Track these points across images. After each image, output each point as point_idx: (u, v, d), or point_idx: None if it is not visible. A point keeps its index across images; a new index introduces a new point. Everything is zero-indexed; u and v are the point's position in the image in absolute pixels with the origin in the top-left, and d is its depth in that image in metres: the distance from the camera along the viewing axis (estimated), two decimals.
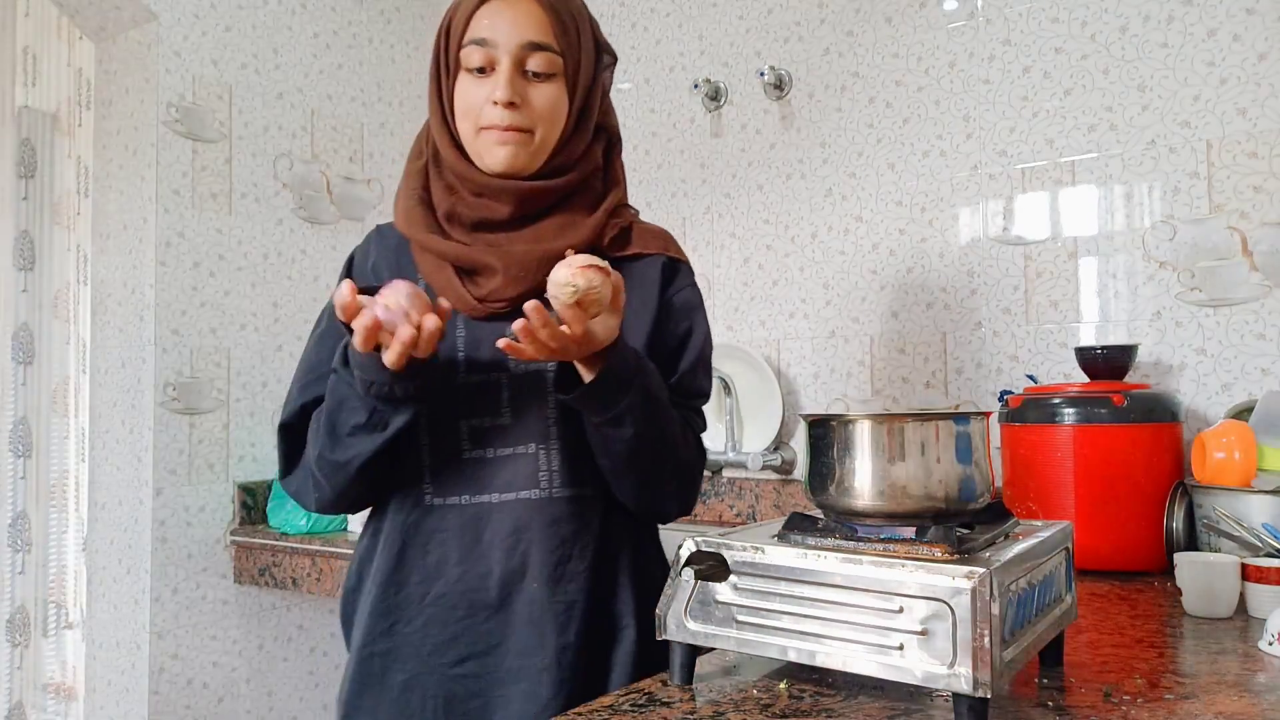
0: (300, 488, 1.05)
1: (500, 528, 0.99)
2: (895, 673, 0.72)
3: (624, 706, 0.81)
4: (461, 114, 1.01)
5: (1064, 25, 1.76)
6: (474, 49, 0.99)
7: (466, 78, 1.00)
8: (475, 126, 1.00)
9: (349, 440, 0.96)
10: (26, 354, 2.60)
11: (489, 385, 1.00)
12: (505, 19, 0.98)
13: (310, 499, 1.04)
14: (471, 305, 1.00)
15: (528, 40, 0.98)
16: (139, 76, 2.14)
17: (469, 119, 1.01)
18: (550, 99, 1.00)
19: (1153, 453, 1.39)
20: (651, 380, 0.98)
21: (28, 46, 2.67)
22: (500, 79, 0.98)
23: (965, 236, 1.87)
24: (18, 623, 2.56)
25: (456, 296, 1.00)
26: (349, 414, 0.95)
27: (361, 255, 1.11)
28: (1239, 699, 0.81)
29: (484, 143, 1.00)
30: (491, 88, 0.98)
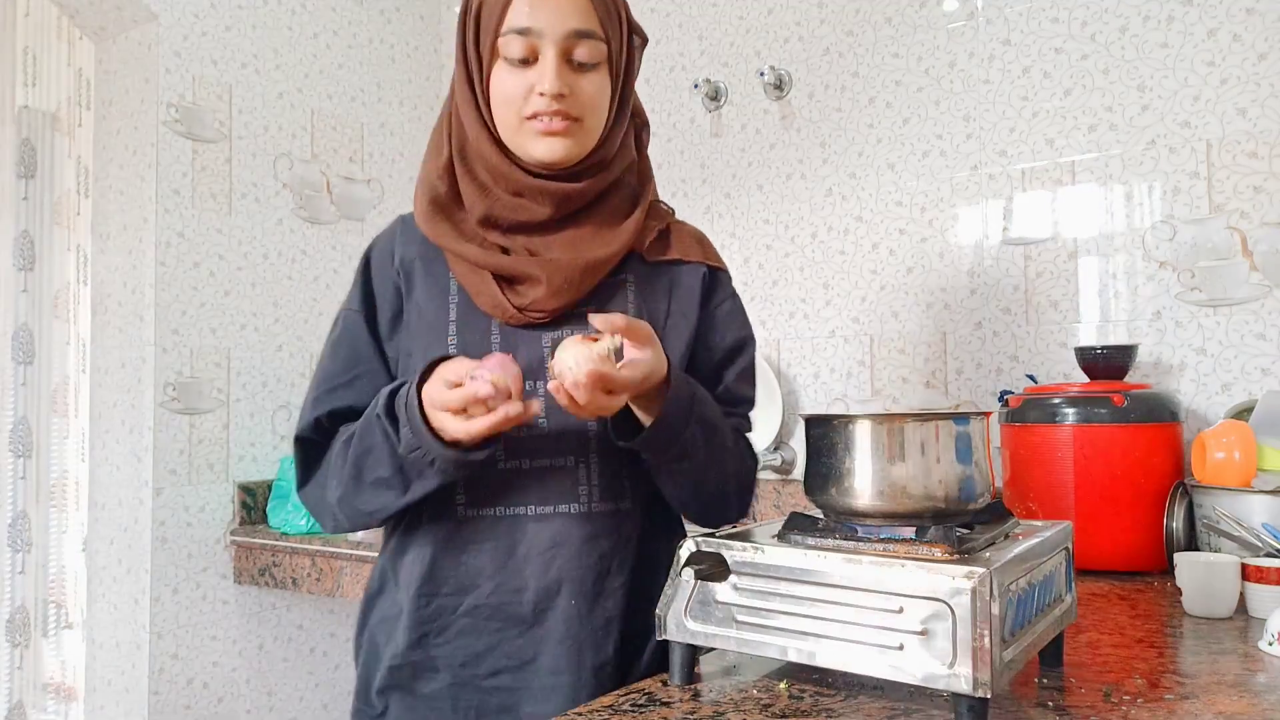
0: (318, 508, 1.02)
1: (536, 542, 0.95)
2: (895, 673, 0.72)
3: (624, 706, 0.81)
4: (502, 103, 0.95)
5: (1064, 25, 1.76)
6: (514, 38, 0.93)
7: (505, 67, 0.95)
8: (519, 116, 0.95)
9: (372, 490, 0.93)
10: (26, 354, 2.60)
11: (525, 395, 0.94)
12: (549, 6, 0.93)
13: (328, 525, 1.02)
14: (511, 314, 0.96)
15: (573, 29, 0.93)
16: (139, 76, 2.14)
17: (511, 108, 0.95)
18: (596, 88, 0.96)
19: (1153, 453, 1.39)
20: (708, 408, 0.97)
21: (28, 46, 2.67)
22: (547, 69, 0.93)
23: (965, 236, 1.87)
24: (18, 623, 2.56)
25: (495, 304, 0.96)
26: (375, 464, 0.92)
27: (383, 252, 1.04)
28: (1239, 699, 0.81)
29: (528, 133, 0.95)
30: (535, 78, 0.93)
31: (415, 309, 1.00)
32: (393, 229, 1.06)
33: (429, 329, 0.98)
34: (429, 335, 0.98)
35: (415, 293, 1.00)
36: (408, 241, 1.03)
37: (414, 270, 1.01)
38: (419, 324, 0.99)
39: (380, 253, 1.04)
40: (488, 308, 0.97)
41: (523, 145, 0.96)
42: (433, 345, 0.97)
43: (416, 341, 0.99)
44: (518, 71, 0.94)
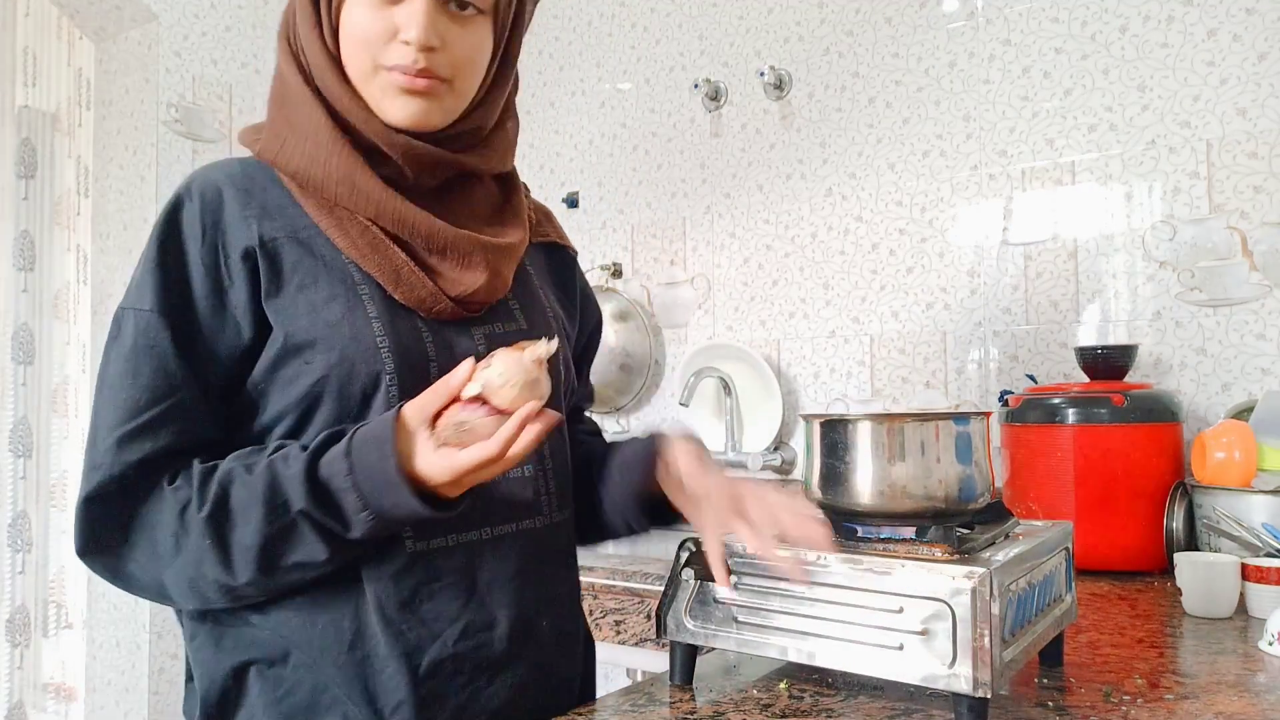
0: (147, 584, 0.75)
1: (502, 567, 0.80)
2: (895, 673, 0.72)
3: (624, 707, 0.81)
4: (354, 43, 0.77)
5: (1064, 25, 1.76)
6: None
7: (361, 3, 0.77)
8: (373, 63, 0.77)
9: (292, 573, 0.73)
10: (26, 354, 2.60)
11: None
12: None
13: (183, 602, 0.76)
14: (443, 308, 0.79)
15: None
16: (139, 76, 2.14)
17: (364, 52, 0.77)
18: (474, 43, 0.80)
19: (1153, 453, 1.39)
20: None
21: (28, 46, 2.67)
22: (416, 13, 0.75)
23: (965, 236, 1.87)
24: (18, 623, 2.56)
25: (423, 296, 0.78)
26: (297, 550, 0.71)
27: (211, 230, 0.76)
28: (1239, 699, 0.81)
29: (383, 86, 0.78)
30: (401, 21, 0.76)
31: (301, 309, 0.76)
32: (213, 195, 0.78)
33: (345, 338, 0.75)
34: (349, 346, 0.75)
35: (289, 287, 0.76)
36: (262, 212, 0.78)
37: (282, 255, 0.77)
38: (315, 329, 0.75)
39: (203, 232, 0.76)
40: (411, 300, 0.78)
41: (376, 100, 0.78)
42: (358, 360, 0.75)
43: (320, 356, 0.75)
44: (379, 8, 0.76)
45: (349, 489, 0.70)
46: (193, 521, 0.72)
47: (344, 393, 0.75)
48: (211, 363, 0.76)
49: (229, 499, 0.72)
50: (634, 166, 2.38)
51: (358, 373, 0.75)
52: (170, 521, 0.72)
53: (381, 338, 0.76)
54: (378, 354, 0.75)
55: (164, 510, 0.73)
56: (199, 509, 0.71)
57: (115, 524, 0.74)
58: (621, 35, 2.41)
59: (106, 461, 0.73)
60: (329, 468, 0.71)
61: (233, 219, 0.77)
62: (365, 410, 0.76)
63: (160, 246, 0.76)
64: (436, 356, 0.78)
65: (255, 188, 0.79)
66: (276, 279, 0.76)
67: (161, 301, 0.75)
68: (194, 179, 0.79)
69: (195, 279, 0.76)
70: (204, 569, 0.72)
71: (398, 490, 0.69)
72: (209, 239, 0.76)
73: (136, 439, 0.73)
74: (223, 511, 0.71)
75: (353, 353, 0.75)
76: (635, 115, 2.37)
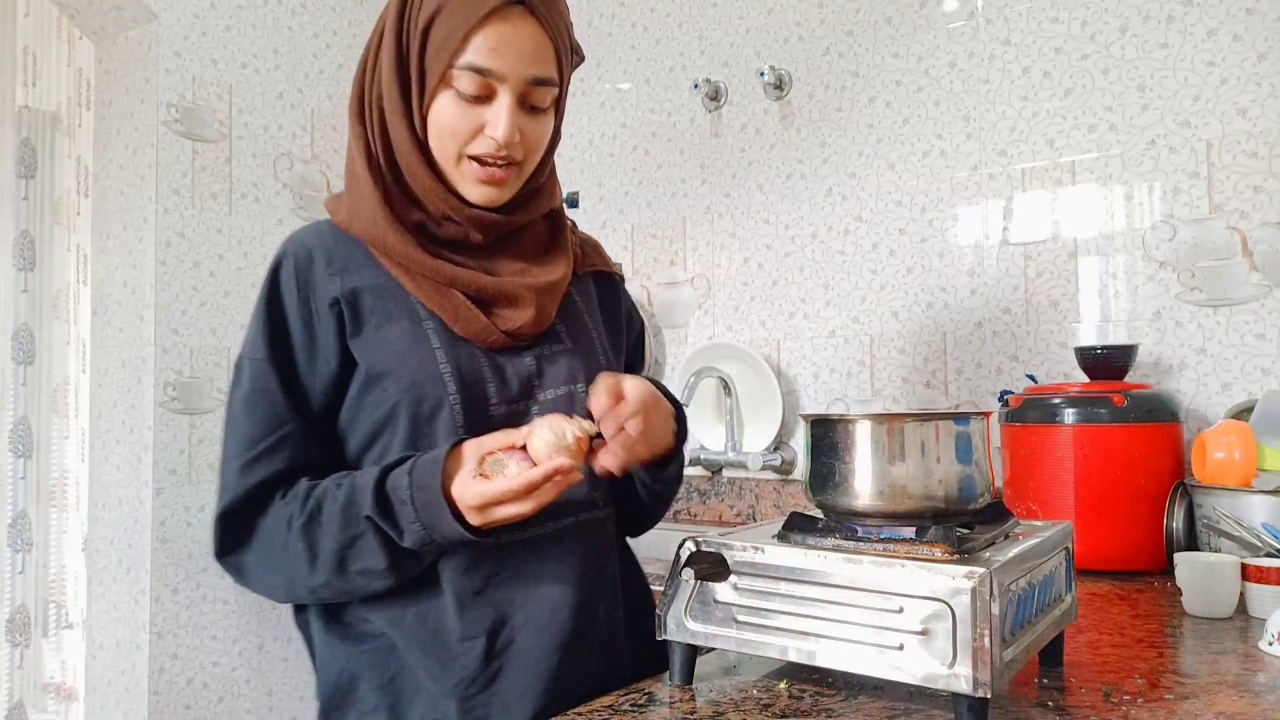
0: (262, 582, 0.92)
1: (563, 558, 0.92)
2: (895, 673, 0.72)
3: (624, 706, 0.81)
4: (445, 134, 0.90)
5: (1064, 25, 1.76)
6: (471, 75, 0.87)
7: (454, 99, 0.89)
8: (459, 152, 0.91)
9: (360, 579, 0.87)
10: (26, 354, 2.60)
11: (521, 415, 0.93)
12: (512, 49, 0.88)
13: (284, 599, 0.94)
14: (496, 339, 0.93)
15: (534, 75, 0.89)
16: (139, 76, 2.14)
17: (453, 142, 0.90)
18: (543, 131, 0.94)
19: (1153, 453, 1.39)
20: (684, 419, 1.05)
21: (28, 46, 2.67)
22: (502, 116, 0.89)
23: (965, 236, 1.87)
24: (18, 623, 2.56)
25: (478, 329, 0.92)
26: (364, 557, 0.85)
27: (304, 288, 0.92)
28: (1239, 699, 0.81)
29: (467, 173, 0.91)
30: (488, 119, 0.89)
31: (378, 345, 0.91)
32: (304, 256, 0.94)
33: (414, 366, 0.90)
34: (416, 372, 0.89)
35: (369, 327, 0.91)
36: (345, 267, 0.93)
37: (361, 302, 0.92)
38: (390, 360, 0.90)
39: (298, 289, 0.92)
40: (469, 333, 0.92)
41: (458, 182, 0.92)
42: (425, 384, 0.89)
43: (393, 383, 0.89)
44: (467, 107, 0.89)
45: (406, 501, 0.83)
46: (294, 530, 0.87)
47: (415, 413, 0.89)
48: (310, 398, 0.92)
49: (320, 511, 0.87)
50: (634, 166, 2.38)
51: (425, 394, 0.89)
52: (280, 530, 0.88)
53: (444, 364, 0.90)
54: (440, 378, 0.89)
55: (277, 522, 0.89)
56: (299, 518, 0.87)
57: (241, 534, 0.90)
58: (621, 35, 2.41)
59: (233, 484, 0.90)
60: (395, 480, 0.85)
61: (320, 276, 0.92)
62: (433, 427, 0.89)
63: (266, 304, 0.93)
64: (491, 379, 0.92)
65: (338, 247, 0.95)
66: (357, 322, 0.91)
67: (269, 351, 0.91)
68: (290, 243, 0.95)
69: (294, 330, 0.92)
70: (298, 570, 0.88)
71: (439, 506, 0.82)
72: (302, 294, 0.92)
73: (256, 465, 0.89)
74: (314, 521, 0.87)
75: (420, 378, 0.89)
76: (635, 115, 2.37)
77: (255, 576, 0.91)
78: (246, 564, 0.91)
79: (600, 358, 1.01)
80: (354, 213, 0.94)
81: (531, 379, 0.94)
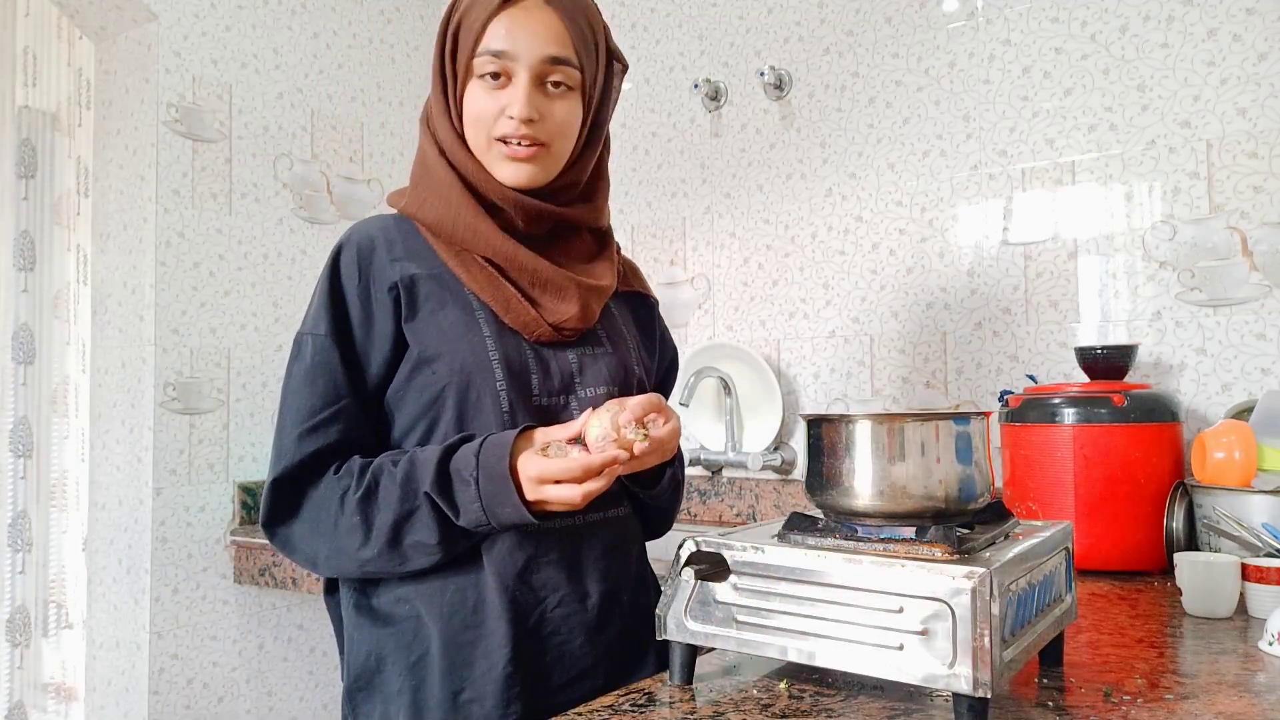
0: (307, 553, 0.95)
1: (596, 548, 0.99)
2: (895, 673, 0.72)
3: (624, 706, 0.81)
4: (472, 122, 0.97)
5: (1064, 25, 1.76)
6: (489, 59, 0.95)
7: (479, 86, 0.96)
8: (488, 136, 0.97)
9: (410, 553, 0.91)
10: (26, 354, 2.60)
11: (560, 408, 0.98)
12: (525, 30, 0.94)
13: (326, 571, 0.96)
14: (542, 331, 0.97)
15: (548, 54, 0.95)
16: (139, 76, 2.14)
17: (481, 128, 0.97)
18: (566, 113, 0.98)
19: (1153, 453, 1.39)
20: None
21: (28, 46, 2.67)
22: (518, 92, 0.95)
23: (965, 236, 1.87)
24: (18, 623, 2.56)
25: (527, 321, 0.97)
26: (418, 531, 0.90)
27: (366, 272, 0.97)
28: (1239, 699, 0.81)
29: (496, 154, 0.97)
30: (506, 99, 0.95)
31: (431, 330, 0.95)
32: (366, 243, 0.99)
33: (465, 352, 0.95)
34: (467, 357, 0.94)
35: (423, 312, 0.96)
36: (404, 255, 0.98)
37: (418, 288, 0.97)
38: (442, 344, 0.95)
39: (359, 273, 0.97)
40: (518, 325, 0.97)
41: (492, 165, 0.98)
42: (474, 370, 0.94)
43: (443, 365, 0.94)
44: (490, 92, 0.96)
45: (470, 481, 0.88)
46: (349, 503, 0.91)
47: (463, 396, 0.94)
48: (366, 376, 0.96)
49: (378, 486, 0.91)
50: (634, 166, 2.38)
51: (473, 379, 0.94)
52: (333, 502, 0.92)
53: (493, 351, 0.95)
54: (489, 364, 0.94)
55: (329, 494, 0.92)
56: (354, 492, 0.91)
57: (291, 502, 0.94)
58: (621, 35, 2.41)
59: (290, 451, 0.93)
60: (460, 460, 0.89)
61: (381, 263, 0.97)
62: (480, 410, 0.94)
63: (329, 285, 0.97)
64: (535, 370, 0.97)
65: (399, 237, 1.00)
66: (413, 306, 0.96)
67: (331, 328, 0.95)
68: (353, 231, 1.00)
69: (353, 311, 0.96)
70: (349, 542, 0.91)
71: (505, 484, 0.87)
72: (363, 279, 0.97)
73: (313, 434, 0.93)
74: (371, 496, 0.91)
75: (470, 363, 0.94)
76: (635, 115, 2.37)
77: (301, 546, 0.94)
78: (293, 533, 0.94)
79: (636, 367, 1.07)
80: (425, 199, 1.00)
81: (573, 375, 0.99)
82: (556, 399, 0.98)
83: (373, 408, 0.98)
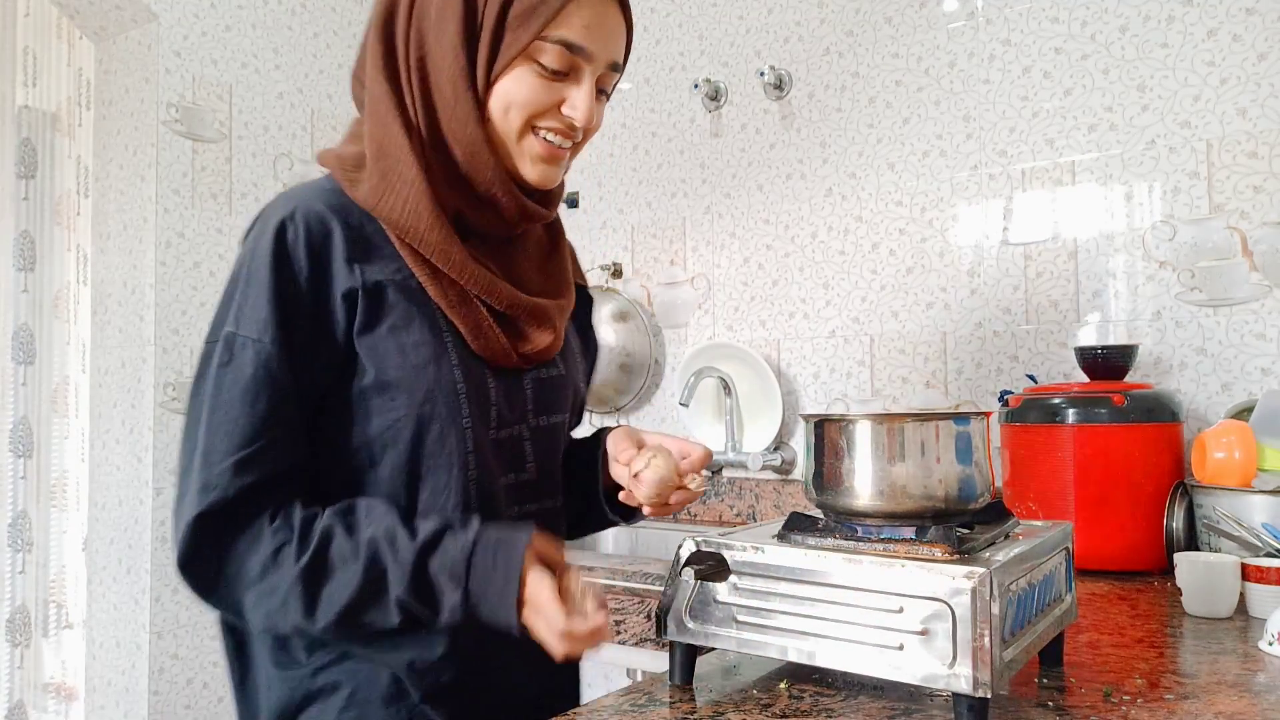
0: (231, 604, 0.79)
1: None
2: (895, 673, 0.72)
3: (624, 706, 0.81)
4: (514, 107, 0.83)
5: (1064, 25, 1.76)
6: (560, 50, 0.82)
7: (532, 72, 0.83)
8: (526, 124, 0.84)
9: (358, 628, 0.78)
10: (26, 354, 2.60)
11: (515, 440, 0.90)
12: (605, 29, 0.84)
13: (254, 625, 0.81)
14: (511, 361, 0.87)
15: (615, 60, 0.87)
16: (139, 76, 2.14)
17: (522, 115, 0.84)
18: (601, 119, 0.90)
19: (1153, 453, 1.39)
20: None
21: (28, 46, 2.67)
22: (583, 95, 0.84)
23: (965, 236, 1.87)
24: (18, 623, 2.56)
25: (496, 350, 0.86)
26: (378, 616, 0.77)
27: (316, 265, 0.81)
28: (1239, 699, 0.81)
29: (531, 148, 0.85)
30: (570, 96, 0.84)
31: (391, 350, 0.82)
32: (319, 227, 0.82)
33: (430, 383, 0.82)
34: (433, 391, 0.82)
35: (383, 327, 0.82)
36: (364, 256, 0.83)
37: (384, 298, 0.82)
38: (404, 370, 0.82)
39: (311, 265, 0.81)
40: (486, 353, 0.85)
41: (517, 159, 0.86)
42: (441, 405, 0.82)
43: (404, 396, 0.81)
44: (548, 82, 0.83)
45: (454, 588, 0.76)
46: (286, 563, 0.77)
47: (421, 432, 0.82)
48: (312, 391, 0.81)
49: (327, 555, 0.77)
50: (634, 166, 2.38)
51: (438, 415, 0.82)
52: (263, 554, 0.77)
53: (461, 385, 0.83)
54: (457, 399, 0.83)
55: (260, 543, 0.77)
56: (297, 558, 0.77)
57: (216, 542, 0.78)
58: None
59: (222, 483, 0.77)
60: (442, 566, 0.76)
61: (338, 258, 0.81)
62: (442, 448, 0.82)
63: (274, 274, 0.79)
64: (496, 401, 0.87)
65: (356, 224, 0.84)
66: (371, 318, 0.81)
67: (280, 335, 0.79)
68: (297, 203, 0.82)
69: (303, 311, 0.80)
70: (288, 609, 0.77)
71: (507, 608, 0.75)
72: (315, 273, 0.81)
73: (252, 464, 0.77)
74: (319, 566, 0.77)
75: (436, 397, 0.82)
76: (635, 115, 2.37)
77: (222, 596, 0.79)
78: (215, 580, 0.79)
79: (581, 389, 1.00)
80: (384, 194, 0.83)
81: (525, 403, 0.90)
82: (511, 429, 0.89)
83: (308, 423, 0.83)
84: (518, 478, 0.90)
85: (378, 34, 0.85)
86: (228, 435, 0.78)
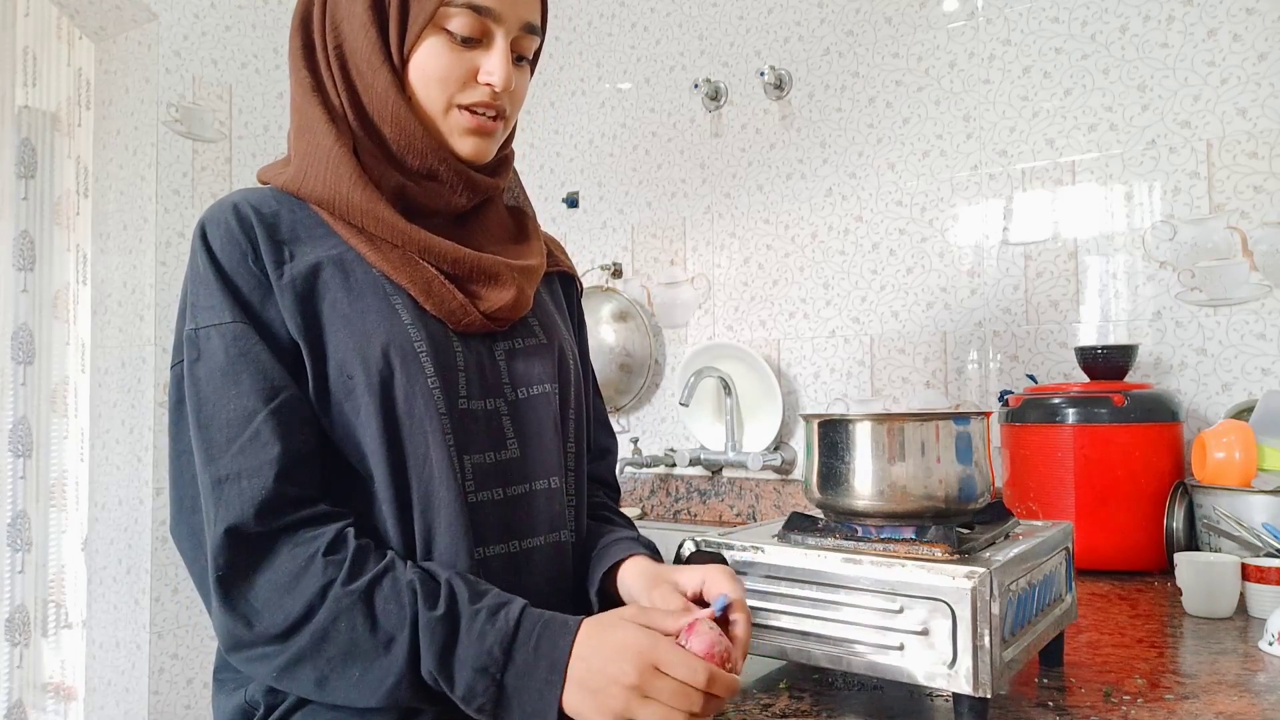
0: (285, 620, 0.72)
1: (539, 575, 0.84)
2: (895, 673, 0.72)
3: None
4: (434, 80, 0.82)
5: (1064, 25, 1.76)
6: (467, 14, 0.80)
7: (444, 42, 0.81)
8: (449, 101, 0.83)
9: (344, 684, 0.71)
10: (26, 354, 2.60)
11: (492, 414, 0.84)
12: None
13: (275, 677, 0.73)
14: (472, 320, 0.83)
15: (527, 21, 0.84)
16: (139, 76, 2.14)
17: (444, 90, 0.82)
18: (526, 85, 0.89)
19: (1153, 453, 1.39)
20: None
21: (28, 46, 2.67)
22: (497, 58, 0.82)
23: (965, 236, 1.87)
24: (18, 622, 2.56)
25: (453, 308, 0.82)
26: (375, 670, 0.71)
27: (239, 238, 0.78)
28: (1239, 699, 0.81)
29: (457, 123, 0.84)
30: (483, 64, 0.83)
31: (336, 327, 0.78)
32: (238, 223, 0.79)
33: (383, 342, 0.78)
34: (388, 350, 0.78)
35: (324, 305, 0.79)
36: (292, 238, 0.80)
37: (319, 280, 0.79)
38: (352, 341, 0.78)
39: (242, 249, 0.78)
40: (442, 312, 0.81)
41: (447, 135, 0.84)
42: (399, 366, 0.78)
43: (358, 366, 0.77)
44: (460, 51, 0.82)
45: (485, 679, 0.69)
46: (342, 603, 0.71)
47: (386, 400, 0.77)
48: (294, 365, 0.78)
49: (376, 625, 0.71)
50: (634, 166, 2.38)
51: (399, 378, 0.77)
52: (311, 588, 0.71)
53: (419, 343, 0.79)
54: (417, 358, 0.78)
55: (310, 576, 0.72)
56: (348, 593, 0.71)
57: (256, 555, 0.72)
58: (621, 35, 2.41)
59: (247, 489, 0.72)
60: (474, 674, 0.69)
61: (265, 244, 0.79)
62: (411, 415, 0.77)
63: (212, 268, 0.78)
64: (464, 367, 0.82)
65: (284, 212, 0.82)
66: (311, 300, 0.78)
67: (239, 312, 0.76)
68: (215, 208, 0.81)
69: (253, 292, 0.78)
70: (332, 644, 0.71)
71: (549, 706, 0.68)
72: (247, 262, 0.78)
73: (255, 444, 0.73)
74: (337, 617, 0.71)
75: (391, 357, 0.77)
76: (635, 115, 2.37)
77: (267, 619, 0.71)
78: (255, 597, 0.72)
79: (572, 359, 0.93)
80: (306, 172, 0.82)
81: (500, 374, 0.85)
82: (483, 402, 0.83)
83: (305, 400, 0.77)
84: (498, 455, 0.83)
85: (297, 30, 0.86)
86: (224, 426, 0.74)
